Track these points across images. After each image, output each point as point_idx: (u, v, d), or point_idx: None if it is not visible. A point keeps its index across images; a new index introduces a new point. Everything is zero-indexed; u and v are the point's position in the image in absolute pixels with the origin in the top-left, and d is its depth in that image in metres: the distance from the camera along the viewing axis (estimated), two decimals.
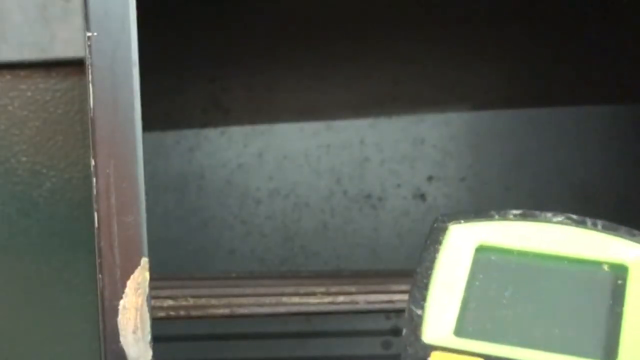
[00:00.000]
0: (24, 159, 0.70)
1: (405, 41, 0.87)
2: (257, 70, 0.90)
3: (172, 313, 0.60)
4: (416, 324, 0.39)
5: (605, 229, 0.41)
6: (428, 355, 0.38)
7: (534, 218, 0.41)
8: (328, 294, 0.63)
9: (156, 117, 0.90)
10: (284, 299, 0.62)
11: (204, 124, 0.93)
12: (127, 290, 0.45)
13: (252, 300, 0.62)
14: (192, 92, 0.91)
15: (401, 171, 0.95)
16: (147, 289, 0.45)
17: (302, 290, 0.63)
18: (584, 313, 0.39)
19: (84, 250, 0.70)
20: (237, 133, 0.93)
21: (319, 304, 0.63)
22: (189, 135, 0.93)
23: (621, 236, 0.40)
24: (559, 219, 0.41)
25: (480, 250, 0.41)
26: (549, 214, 0.41)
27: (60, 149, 0.70)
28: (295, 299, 0.62)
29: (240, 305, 0.62)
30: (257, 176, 0.93)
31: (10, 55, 0.68)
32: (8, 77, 0.69)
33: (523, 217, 0.42)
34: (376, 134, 0.94)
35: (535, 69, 0.90)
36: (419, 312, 0.40)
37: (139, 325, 0.45)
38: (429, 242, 0.41)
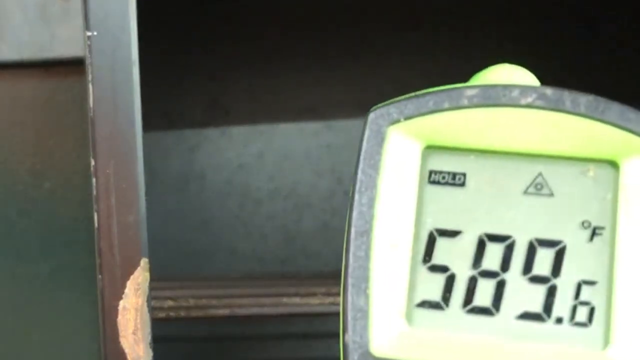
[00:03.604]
0: (24, 159, 0.70)
1: (406, 40, 0.87)
2: (257, 70, 0.90)
3: (172, 314, 0.60)
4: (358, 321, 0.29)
5: (590, 111, 0.31)
6: None
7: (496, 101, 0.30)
8: (329, 294, 0.63)
9: (156, 117, 0.90)
10: (285, 300, 0.62)
11: (205, 124, 0.93)
12: (127, 290, 0.45)
13: (252, 300, 0.62)
14: (192, 92, 0.91)
15: None
16: (147, 290, 0.45)
17: (303, 290, 0.63)
18: (568, 232, 0.30)
19: (84, 250, 0.70)
20: (238, 133, 0.93)
21: (320, 304, 0.62)
22: (190, 135, 0.93)
23: (611, 123, 0.30)
24: (529, 99, 0.31)
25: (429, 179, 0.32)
26: (515, 91, 0.30)
27: (60, 149, 0.69)
28: (296, 300, 0.62)
29: (240, 306, 0.62)
30: (257, 176, 0.93)
31: (10, 55, 0.68)
32: (8, 77, 0.69)
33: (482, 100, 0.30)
34: None
35: (535, 69, 0.90)
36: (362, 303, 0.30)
37: (139, 326, 0.45)
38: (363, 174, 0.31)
